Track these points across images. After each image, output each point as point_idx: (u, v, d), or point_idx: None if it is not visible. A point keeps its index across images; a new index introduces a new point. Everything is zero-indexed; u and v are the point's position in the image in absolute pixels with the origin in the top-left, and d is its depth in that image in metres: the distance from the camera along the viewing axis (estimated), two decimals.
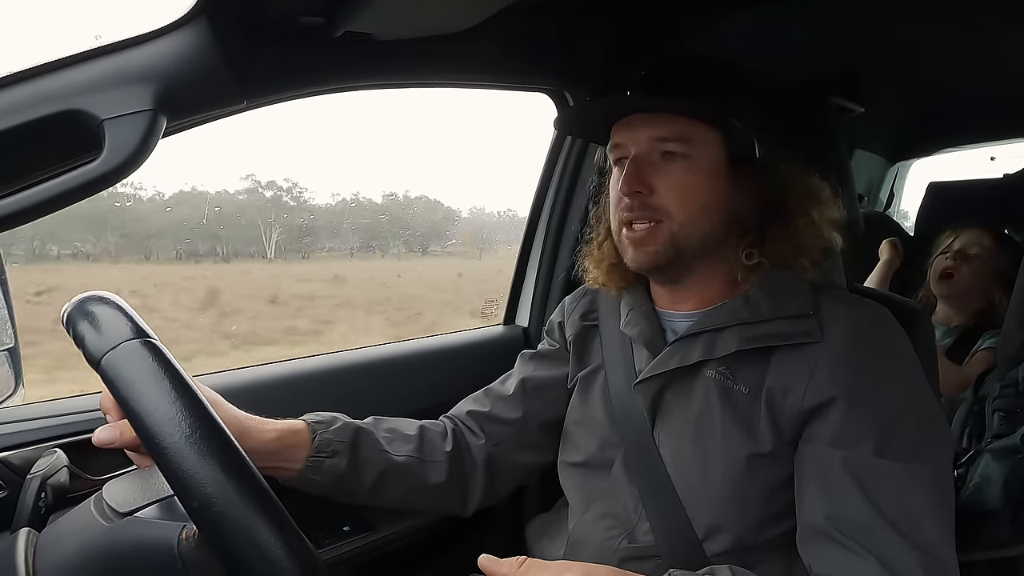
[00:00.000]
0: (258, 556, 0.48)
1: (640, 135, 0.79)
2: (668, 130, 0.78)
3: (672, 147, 0.78)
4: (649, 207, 0.78)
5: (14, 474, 0.79)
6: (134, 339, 0.55)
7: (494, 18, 0.86)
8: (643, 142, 0.79)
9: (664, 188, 0.78)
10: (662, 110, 0.78)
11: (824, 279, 0.82)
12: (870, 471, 0.67)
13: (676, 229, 0.78)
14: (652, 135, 0.78)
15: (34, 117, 0.63)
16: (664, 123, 0.78)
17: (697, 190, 0.78)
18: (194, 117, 0.77)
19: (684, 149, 0.78)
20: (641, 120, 0.79)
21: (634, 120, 0.80)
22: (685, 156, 0.78)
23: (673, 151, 0.78)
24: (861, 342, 0.73)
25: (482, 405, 0.97)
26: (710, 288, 0.83)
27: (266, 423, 0.80)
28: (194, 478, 0.48)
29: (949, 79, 1.63)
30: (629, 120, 0.81)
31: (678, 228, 0.78)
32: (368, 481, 0.86)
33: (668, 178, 0.78)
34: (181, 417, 0.50)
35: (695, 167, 0.78)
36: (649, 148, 0.79)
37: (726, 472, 0.75)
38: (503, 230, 3.09)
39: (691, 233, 0.78)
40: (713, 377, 0.78)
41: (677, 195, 0.77)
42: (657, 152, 0.78)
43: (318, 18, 0.79)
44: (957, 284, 1.59)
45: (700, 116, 0.77)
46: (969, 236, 1.61)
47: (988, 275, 1.58)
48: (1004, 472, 1.12)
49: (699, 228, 0.78)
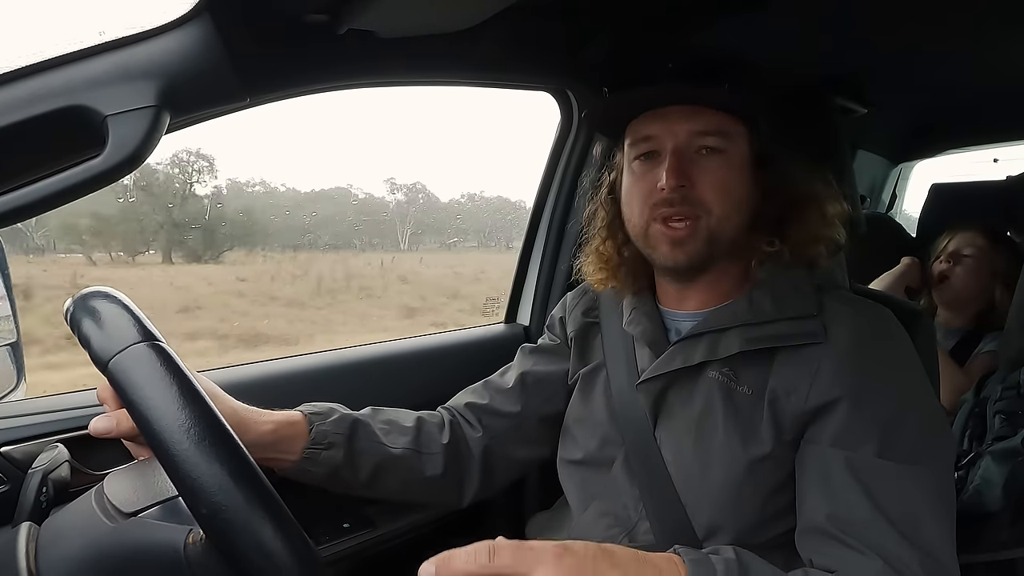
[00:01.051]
0: (266, 563, 0.48)
1: (678, 128, 0.78)
2: (708, 124, 0.77)
3: (711, 141, 0.77)
4: (690, 201, 0.77)
5: (16, 468, 0.79)
6: (142, 342, 0.55)
7: (498, 16, 0.86)
8: (682, 135, 0.78)
9: (703, 183, 0.77)
10: (707, 103, 0.77)
11: (827, 279, 0.82)
12: (872, 472, 0.67)
13: (714, 225, 0.77)
14: (692, 128, 0.77)
15: (38, 113, 0.63)
16: (704, 117, 0.77)
17: (733, 185, 0.78)
18: (197, 114, 0.77)
19: (722, 144, 0.77)
20: (678, 113, 0.78)
21: (670, 113, 0.79)
22: (722, 151, 0.77)
23: (712, 146, 0.77)
24: (864, 343, 0.73)
25: (480, 397, 0.97)
26: (719, 286, 0.82)
27: (263, 414, 0.80)
28: (204, 485, 0.49)
29: (953, 81, 1.63)
30: (664, 112, 0.79)
31: (716, 224, 0.77)
32: (364, 473, 0.86)
33: (707, 173, 0.77)
34: (191, 424, 0.50)
35: (730, 162, 0.78)
36: (688, 142, 0.78)
37: (727, 473, 0.75)
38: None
39: (726, 229, 0.78)
40: (716, 378, 0.78)
41: (716, 190, 0.77)
42: (695, 146, 0.78)
43: (322, 15, 0.79)
44: (953, 286, 1.60)
45: (738, 110, 0.77)
46: (962, 237, 1.62)
47: (984, 274, 1.58)
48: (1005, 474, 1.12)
49: (733, 224, 0.78)
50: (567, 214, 1.39)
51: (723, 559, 0.58)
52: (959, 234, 1.63)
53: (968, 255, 1.59)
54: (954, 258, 1.61)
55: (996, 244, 1.60)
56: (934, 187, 2.00)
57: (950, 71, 1.53)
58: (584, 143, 1.34)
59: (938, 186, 1.99)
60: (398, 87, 1.04)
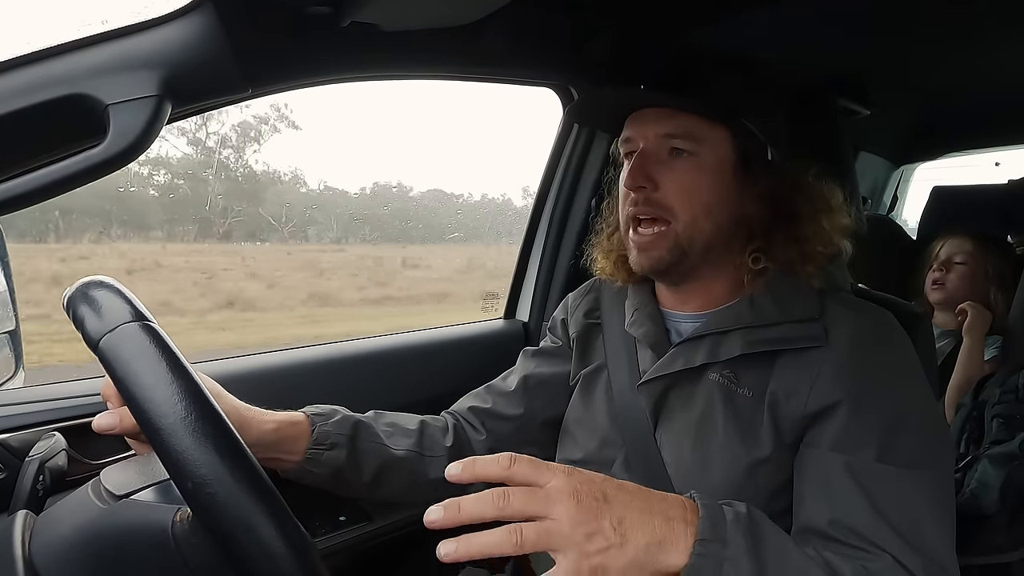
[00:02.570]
0: (251, 537, 0.48)
1: (648, 131, 0.79)
2: (676, 127, 0.77)
3: (679, 144, 0.77)
4: (653, 203, 0.77)
5: (13, 456, 0.79)
6: (132, 322, 0.55)
7: (501, 11, 0.85)
8: (651, 138, 0.79)
9: (669, 185, 0.77)
10: (669, 106, 0.78)
11: (829, 282, 0.82)
12: (872, 476, 0.66)
13: (680, 230, 0.77)
14: (660, 131, 0.78)
15: (39, 100, 0.63)
16: (673, 120, 0.77)
17: (702, 189, 0.77)
18: (199, 104, 0.76)
19: (691, 147, 0.77)
20: (651, 115, 0.79)
21: (645, 114, 0.80)
22: (692, 154, 0.77)
23: (680, 148, 0.77)
24: (865, 347, 0.73)
25: (483, 401, 0.97)
26: (714, 290, 0.82)
27: (265, 414, 0.80)
28: (188, 459, 0.49)
29: (956, 83, 1.63)
30: (641, 114, 0.80)
31: (682, 229, 0.77)
32: (367, 474, 0.86)
33: (673, 175, 0.77)
34: (177, 399, 0.50)
35: (701, 166, 0.77)
36: (657, 144, 0.78)
37: (726, 475, 0.74)
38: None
39: (694, 235, 0.77)
40: (717, 380, 0.78)
41: (682, 194, 0.77)
42: (665, 148, 0.78)
43: (325, 7, 0.79)
44: (948, 292, 1.61)
45: (708, 115, 0.77)
46: (952, 244, 1.64)
47: (977, 278, 1.59)
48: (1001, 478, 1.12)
49: (703, 229, 0.78)
50: (568, 210, 1.39)
51: (734, 511, 0.58)
52: (949, 241, 1.65)
53: (960, 262, 1.61)
54: (946, 266, 1.62)
55: (985, 247, 1.62)
56: (935, 190, 1.99)
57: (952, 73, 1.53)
58: (586, 139, 1.34)
59: (939, 189, 1.99)
60: (400, 80, 1.04)
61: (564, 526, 0.50)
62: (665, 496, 0.56)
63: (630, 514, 0.52)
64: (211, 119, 2.28)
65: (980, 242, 1.61)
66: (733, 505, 0.59)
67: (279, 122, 2.42)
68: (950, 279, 1.61)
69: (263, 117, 2.40)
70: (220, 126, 2.37)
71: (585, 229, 1.34)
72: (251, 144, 2.48)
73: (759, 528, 0.58)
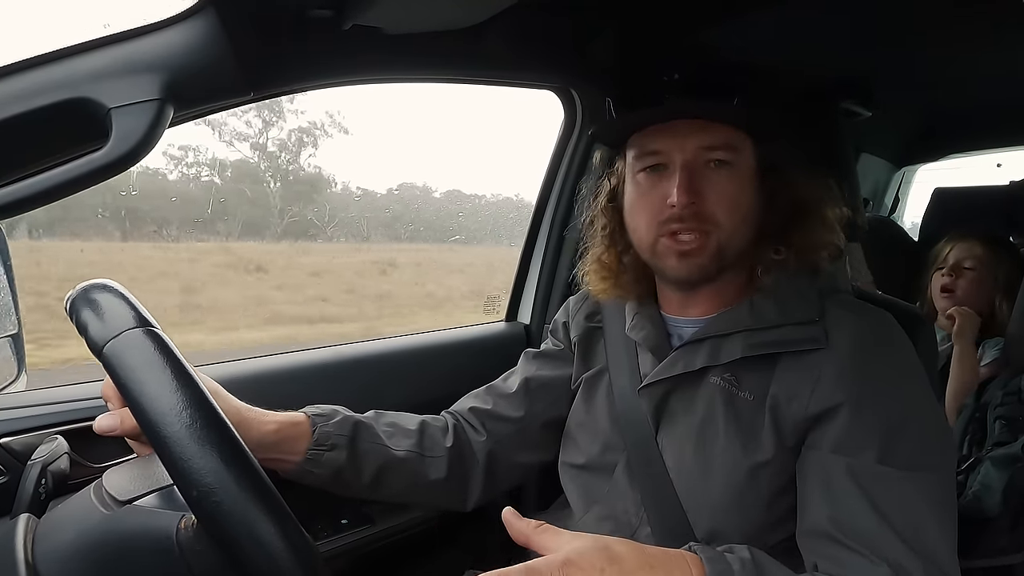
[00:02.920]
0: (256, 546, 0.48)
1: (686, 143, 0.77)
2: (716, 138, 0.76)
3: (721, 155, 0.76)
4: (700, 217, 0.76)
5: (15, 460, 0.79)
6: (136, 328, 0.55)
7: (503, 14, 0.86)
8: (690, 150, 0.77)
9: (713, 197, 0.76)
10: (716, 119, 0.76)
11: (829, 283, 0.82)
12: (874, 478, 0.66)
13: (724, 239, 0.77)
14: (701, 143, 0.76)
15: (42, 104, 0.63)
16: (713, 131, 0.76)
17: (741, 198, 0.77)
18: (201, 108, 0.76)
19: (731, 157, 0.77)
20: (687, 127, 0.77)
21: (678, 126, 0.77)
22: (731, 164, 0.77)
23: (722, 159, 0.76)
24: (867, 349, 0.73)
25: (484, 402, 0.97)
26: (723, 294, 0.82)
27: (266, 415, 0.80)
28: (194, 468, 0.49)
29: (958, 85, 1.63)
30: (671, 127, 0.78)
31: (725, 239, 0.77)
32: (367, 475, 0.86)
33: (716, 187, 0.76)
34: (182, 407, 0.50)
35: (738, 175, 0.77)
36: (696, 156, 0.77)
37: (728, 479, 0.74)
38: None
39: (734, 242, 0.77)
40: (718, 383, 0.78)
41: (725, 204, 0.76)
42: (703, 160, 0.77)
43: (327, 11, 0.79)
44: (958, 298, 1.59)
45: (747, 125, 0.77)
46: (961, 248, 1.61)
47: (987, 284, 1.58)
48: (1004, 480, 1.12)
49: (742, 237, 0.78)
50: (569, 213, 1.39)
51: (738, 558, 0.58)
52: (958, 244, 1.62)
53: (969, 267, 1.58)
54: (956, 271, 1.60)
55: (996, 252, 1.59)
56: (937, 191, 1.99)
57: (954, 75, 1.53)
58: (587, 142, 1.34)
59: (941, 190, 1.99)
60: (402, 83, 1.04)
61: None
62: (667, 561, 0.56)
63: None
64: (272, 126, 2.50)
65: (991, 247, 1.59)
66: (735, 551, 0.60)
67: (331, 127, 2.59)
68: (960, 285, 1.58)
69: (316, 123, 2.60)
70: (279, 131, 2.58)
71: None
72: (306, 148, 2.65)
73: (765, 572, 0.58)
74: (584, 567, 0.52)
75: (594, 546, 0.54)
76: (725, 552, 0.59)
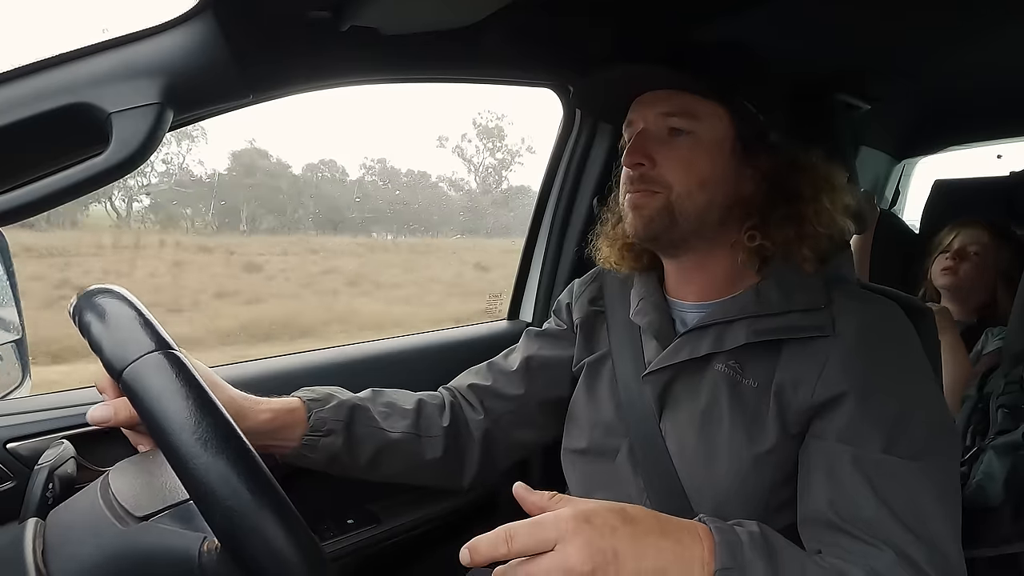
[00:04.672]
0: (281, 572, 0.48)
1: (648, 111, 0.81)
2: (673, 106, 0.79)
3: (677, 123, 0.79)
4: (649, 179, 0.79)
5: (22, 465, 0.80)
6: (156, 351, 0.55)
7: (500, 12, 0.86)
8: (650, 118, 0.80)
9: (666, 162, 0.78)
10: (664, 87, 0.79)
11: (835, 273, 0.82)
12: (878, 468, 0.67)
13: (673, 198, 0.78)
14: (659, 111, 0.79)
15: (42, 110, 0.63)
16: (670, 99, 0.79)
17: (698, 164, 0.78)
18: (200, 111, 0.77)
19: (689, 125, 0.78)
20: (650, 97, 0.81)
21: (646, 97, 0.81)
22: (690, 132, 0.78)
23: (679, 127, 0.79)
24: (873, 337, 0.73)
25: (484, 379, 0.97)
26: (715, 271, 0.83)
27: (261, 403, 0.81)
28: (221, 497, 0.49)
29: (957, 76, 1.62)
30: (642, 98, 0.82)
31: (675, 198, 0.78)
32: (363, 458, 0.86)
33: (671, 152, 0.79)
34: (209, 436, 0.51)
35: (699, 143, 0.78)
36: (656, 123, 0.80)
37: (731, 466, 0.75)
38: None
39: (687, 204, 0.78)
40: (722, 370, 0.78)
41: (678, 169, 0.78)
42: (664, 127, 0.79)
43: (325, 12, 0.79)
44: (959, 282, 1.59)
45: (703, 92, 0.78)
46: (967, 234, 1.62)
47: (989, 270, 1.58)
48: (1007, 469, 1.12)
49: (696, 200, 0.78)
50: (570, 210, 1.39)
51: (747, 531, 0.59)
52: (964, 230, 1.62)
53: (975, 252, 1.59)
54: (960, 255, 1.60)
55: (1001, 241, 1.60)
56: (937, 183, 1.99)
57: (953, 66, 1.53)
58: (587, 140, 1.34)
59: (941, 182, 1.98)
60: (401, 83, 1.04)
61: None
62: (678, 535, 0.56)
63: (644, 564, 0.53)
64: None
65: (997, 235, 1.60)
66: (744, 525, 0.60)
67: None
68: (963, 268, 1.59)
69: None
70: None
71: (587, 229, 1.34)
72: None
73: (774, 546, 0.58)
74: (597, 524, 0.52)
75: (610, 506, 0.55)
76: (735, 525, 0.60)
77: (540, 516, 0.53)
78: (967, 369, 1.42)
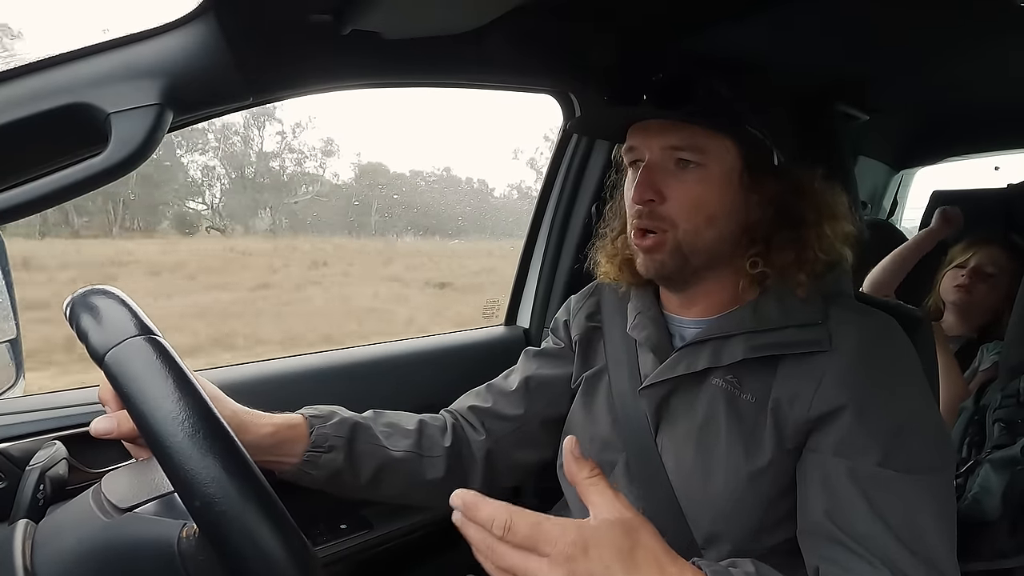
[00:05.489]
0: (258, 556, 0.48)
1: (654, 142, 0.78)
2: (681, 139, 0.77)
3: (686, 156, 0.77)
4: (658, 216, 0.77)
5: (13, 465, 0.79)
6: (138, 336, 0.55)
7: (502, 19, 0.86)
8: (656, 150, 0.78)
9: (675, 198, 0.77)
10: (676, 119, 0.77)
11: (833, 287, 0.82)
12: (874, 481, 0.66)
13: (682, 238, 0.77)
14: (665, 143, 0.77)
15: (41, 110, 0.63)
16: (678, 132, 0.77)
17: (707, 201, 0.77)
18: (200, 113, 0.77)
19: (698, 158, 0.77)
20: (656, 126, 0.78)
21: (650, 125, 0.79)
22: (699, 165, 0.77)
23: (687, 159, 0.77)
24: (870, 352, 0.73)
25: (484, 400, 0.97)
26: (718, 295, 0.82)
27: (263, 417, 0.80)
28: (197, 478, 0.48)
29: (956, 88, 1.63)
30: (646, 124, 0.80)
31: (683, 237, 0.77)
32: (365, 476, 0.86)
33: (680, 187, 0.77)
34: (185, 416, 0.50)
35: (708, 177, 0.77)
36: (662, 156, 0.78)
37: (728, 482, 0.74)
38: None
39: (695, 242, 0.78)
40: (719, 385, 0.77)
41: (687, 206, 0.77)
42: (671, 160, 0.78)
43: (326, 16, 0.79)
44: (972, 299, 1.58)
45: (714, 127, 0.76)
46: (986, 253, 1.60)
47: (1002, 293, 1.57)
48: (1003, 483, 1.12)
49: (704, 238, 0.78)
50: (568, 217, 1.39)
51: (742, 572, 0.58)
52: (983, 249, 1.61)
53: (992, 273, 1.58)
54: (977, 274, 1.58)
55: (1019, 264, 1.57)
56: (935, 195, 2.00)
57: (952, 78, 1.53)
58: (586, 147, 1.34)
59: (939, 193, 1.99)
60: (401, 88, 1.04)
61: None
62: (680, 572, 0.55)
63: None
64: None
65: (1016, 257, 1.58)
66: (739, 566, 0.60)
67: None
68: (979, 288, 1.57)
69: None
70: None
71: (586, 235, 1.34)
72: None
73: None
74: (592, 558, 0.51)
75: (621, 536, 0.53)
76: (729, 567, 0.59)
77: (546, 522, 0.52)
78: (961, 388, 1.42)
